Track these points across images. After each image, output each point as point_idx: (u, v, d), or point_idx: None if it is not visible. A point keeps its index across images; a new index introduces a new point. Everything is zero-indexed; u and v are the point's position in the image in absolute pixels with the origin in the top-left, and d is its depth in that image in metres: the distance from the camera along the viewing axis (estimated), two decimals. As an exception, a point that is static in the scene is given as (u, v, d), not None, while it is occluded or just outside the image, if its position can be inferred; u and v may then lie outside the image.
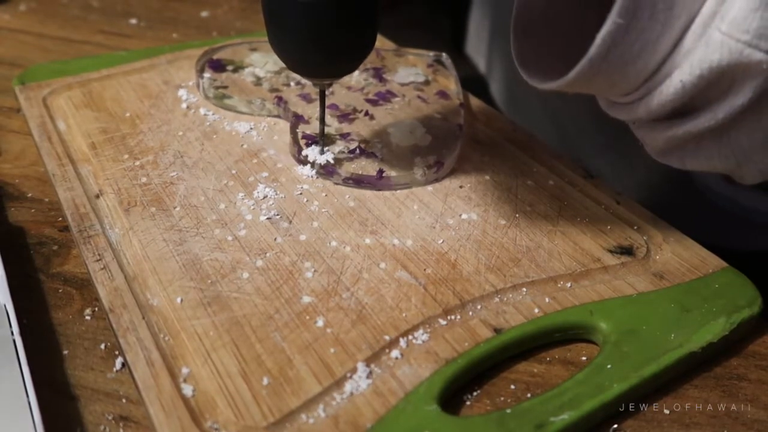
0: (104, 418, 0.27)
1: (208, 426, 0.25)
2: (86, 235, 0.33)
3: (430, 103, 0.45)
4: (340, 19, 0.33)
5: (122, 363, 0.29)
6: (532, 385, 0.29)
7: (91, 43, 0.57)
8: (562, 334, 0.31)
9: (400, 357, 0.28)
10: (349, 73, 0.38)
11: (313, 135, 0.40)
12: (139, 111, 0.44)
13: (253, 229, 0.34)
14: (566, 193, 0.39)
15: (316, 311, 0.30)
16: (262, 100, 0.44)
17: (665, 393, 0.29)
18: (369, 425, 0.26)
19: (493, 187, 0.39)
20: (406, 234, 0.35)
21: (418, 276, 0.32)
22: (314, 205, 0.37)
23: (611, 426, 0.28)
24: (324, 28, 0.33)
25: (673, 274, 0.33)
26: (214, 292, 0.31)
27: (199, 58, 0.48)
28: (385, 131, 0.42)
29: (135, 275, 0.31)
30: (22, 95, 0.45)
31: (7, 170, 0.41)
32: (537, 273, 0.33)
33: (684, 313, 0.31)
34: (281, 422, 0.25)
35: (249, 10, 0.66)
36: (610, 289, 0.32)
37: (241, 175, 0.39)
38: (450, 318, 0.30)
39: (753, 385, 0.30)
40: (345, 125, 0.42)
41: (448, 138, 0.41)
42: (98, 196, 0.36)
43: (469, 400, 0.28)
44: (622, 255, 0.34)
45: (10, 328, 0.29)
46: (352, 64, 0.36)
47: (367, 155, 0.39)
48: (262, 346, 0.28)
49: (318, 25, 0.33)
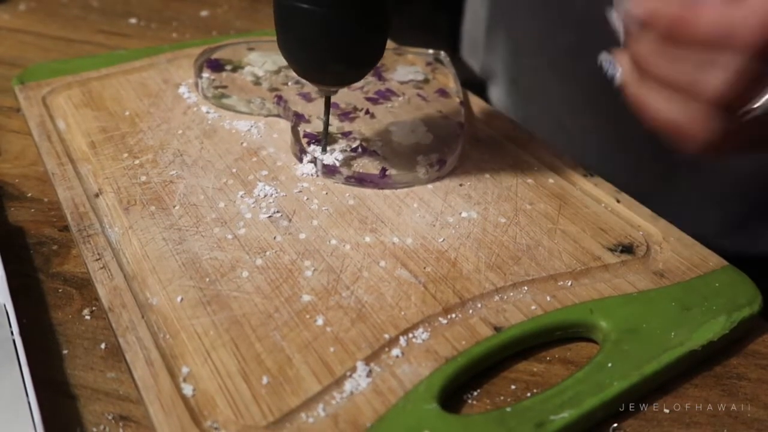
0: (104, 417, 0.27)
1: (207, 425, 0.25)
2: (86, 235, 0.33)
3: (430, 101, 0.45)
4: (350, 28, 0.33)
5: (122, 362, 0.29)
6: (532, 384, 0.29)
7: (91, 43, 0.57)
8: (563, 333, 0.31)
9: (400, 356, 0.28)
10: (357, 81, 0.38)
11: (314, 134, 0.40)
12: (138, 110, 0.44)
13: (252, 227, 0.34)
14: (566, 192, 0.39)
15: (316, 310, 0.30)
16: (261, 100, 0.44)
17: (665, 392, 0.29)
18: (369, 424, 0.25)
19: (493, 186, 0.39)
20: (406, 232, 0.35)
21: (418, 274, 0.32)
22: (314, 203, 0.36)
23: (611, 425, 0.28)
24: (333, 38, 0.33)
25: (674, 272, 0.33)
26: (213, 291, 0.31)
27: (197, 59, 0.48)
28: (386, 130, 0.42)
29: (134, 274, 0.31)
30: (21, 95, 0.45)
31: (7, 170, 0.41)
32: (537, 271, 0.33)
33: (684, 311, 0.31)
34: (281, 421, 0.25)
35: (248, 10, 0.65)
36: (611, 288, 0.32)
37: (240, 173, 0.38)
38: (450, 316, 0.30)
39: (753, 385, 0.30)
40: (346, 124, 0.42)
41: (449, 136, 0.41)
42: (98, 195, 0.36)
43: (469, 399, 0.28)
44: (622, 253, 0.34)
45: (10, 328, 0.29)
46: (360, 73, 0.37)
47: (368, 154, 0.39)
48: (262, 345, 0.28)
49: (328, 35, 0.33)
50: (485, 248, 0.34)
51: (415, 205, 0.37)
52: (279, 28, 0.34)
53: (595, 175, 0.40)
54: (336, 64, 0.34)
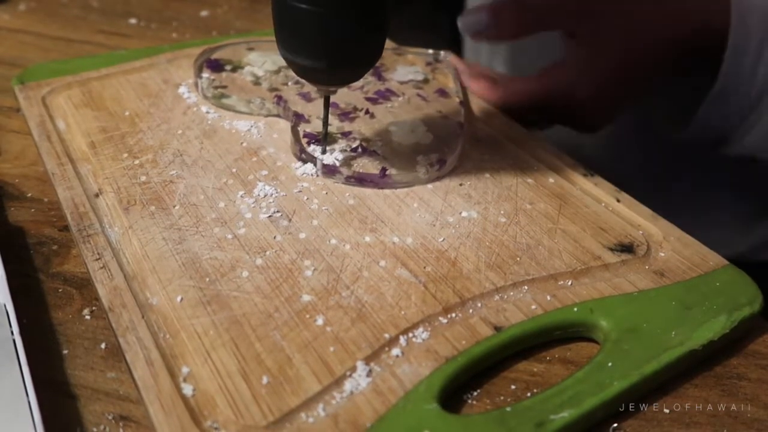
0: (104, 417, 0.27)
1: (207, 425, 0.25)
2: (85, 235, 0.33)
3: (429, 101, 0.45)
4: (349, 28, 0.33)
5: (122, 362, 0.29)
6: (532, 384, 0.29)
7: (91, 43, 0.57)
8: (563, 332, 0.30)
9: (400, 355, 0.28)
10: (356, 81, 0.38)
11: (315, 134, 0.40)
12: (138, 110, 0.44)
13: (252, 227, 0.34)
14: (566, 191, 0.39)
15: (316, 310, 0.30)
16: (261, 100, 0.44)
17: (665, 392, 0.29)
18: (369, 424, 0.25)
19: (493, 185, 0.39)
20: (406, 232, 0.35)
21: (418, 274, 0.32)
22: (314, 203, 0.36)
23: (611, 425, 0.28)
24: (332, 38, 0.33)
25: (674, 271, 0.33)
26: (213, 291, 0.31)
27: (197, 59, 0.48)
28: (386, 129, 0.42)
29: (134, 274, 0.31)
30: (21, 95, 0.45)
31: (7, 170, 0.41)
32: (537, 271, 0.33)
33: (685, 310, 0.31)
34: (281, 421, 0.25)
35: (248, 10, 0.65)
36: (611, 287, 0.32)
37: (240, 173, 0.38)
38: (450, 316, 0.30)
39: (753, 385, 0.30)
40: (346, 123, 0.42)
41: (449, 136, 0.41)
42: (98, 195, 0.36)
43: (470, 399, 0.28)
44: (622, 253, 0.34)
45: (10, 328, 0.29)
46: (358, 72, 0.36)
47: (368, 154, 0.39)
48: (262, 345, 0.28)
49: (326, 34, 0.33)
50: (485, 248, 0.34)
51: (415, 205, 0.37)
52: (277, 28, 0.34)
53: (595, 175, 0.40)
54: (335, 63, 0.34)
